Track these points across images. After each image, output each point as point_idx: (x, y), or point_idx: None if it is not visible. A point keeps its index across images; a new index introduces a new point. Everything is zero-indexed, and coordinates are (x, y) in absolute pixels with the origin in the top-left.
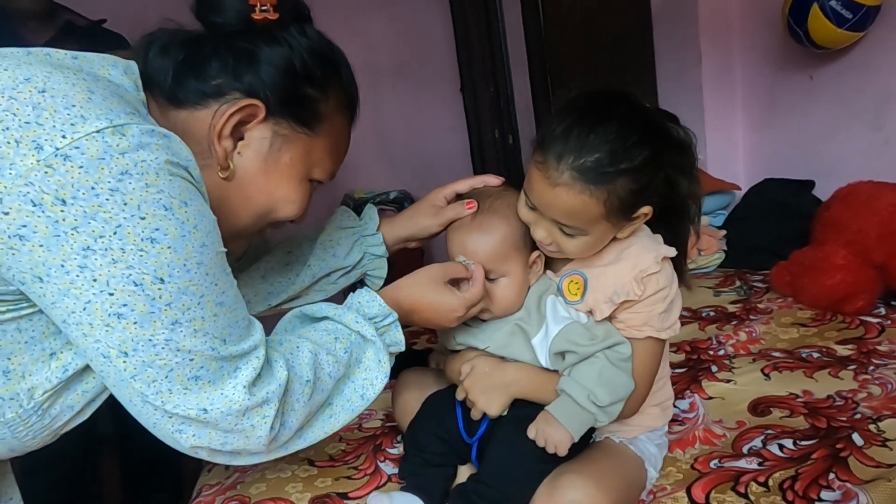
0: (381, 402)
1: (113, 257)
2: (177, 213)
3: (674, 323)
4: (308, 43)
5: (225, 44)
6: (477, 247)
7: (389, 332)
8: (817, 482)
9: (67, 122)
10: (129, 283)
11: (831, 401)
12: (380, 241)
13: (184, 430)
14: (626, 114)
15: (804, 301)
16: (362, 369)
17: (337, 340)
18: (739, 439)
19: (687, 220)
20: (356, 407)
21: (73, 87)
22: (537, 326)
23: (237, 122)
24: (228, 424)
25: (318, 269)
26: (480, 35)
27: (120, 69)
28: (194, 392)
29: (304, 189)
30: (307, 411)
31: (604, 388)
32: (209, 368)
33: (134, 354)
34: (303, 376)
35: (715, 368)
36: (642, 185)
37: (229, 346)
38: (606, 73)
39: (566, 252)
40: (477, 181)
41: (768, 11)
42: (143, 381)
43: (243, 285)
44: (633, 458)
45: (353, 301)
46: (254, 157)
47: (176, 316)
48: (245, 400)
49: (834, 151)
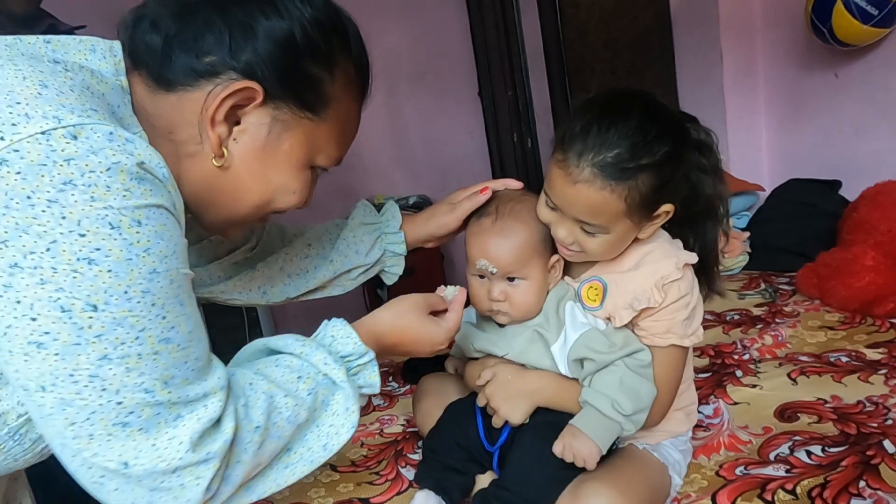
0: (401, 408)
1: (42, 277)
2: (125, 233)
3: (697, 329)
4: (312, 12)
5: (221, 14)
6: (498, 250)
7: (364, 372)
8: (847, 490)
9: (8, 122)
10: (56, 308)
11: (861, 406)
12: (401, 240)
13: (105, 484)
14: (645, 109)
15: (832, 304)
16: (329, 414)
17: (300, 380)
18: (766, 445)
19: (714, 220)
20: (317, 458)
21: (22, 82)
22: (556, 333)
23: (232, 106)
24: (154, 482)
25: (339, 266)
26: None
27: (99, 52)
28: (119, 440)
29: (305, 177)
30: (255, 462)
31: (626, 395)
32: (140, 414)
33: (53, 390)
34: (253, 421)
35: (740, 373)
36: (663, 180)
37: (172, 389)
38: (626, 74)
39: (588, 252)
40: (497, 184)
41: (790, 9)
42: (61, 421)
43: (260, 275)
44: (657, 464)
45: (326, 334)
46: (251, 145)
47: (105, 350)
48: (181, 457)
49: (861, 150)
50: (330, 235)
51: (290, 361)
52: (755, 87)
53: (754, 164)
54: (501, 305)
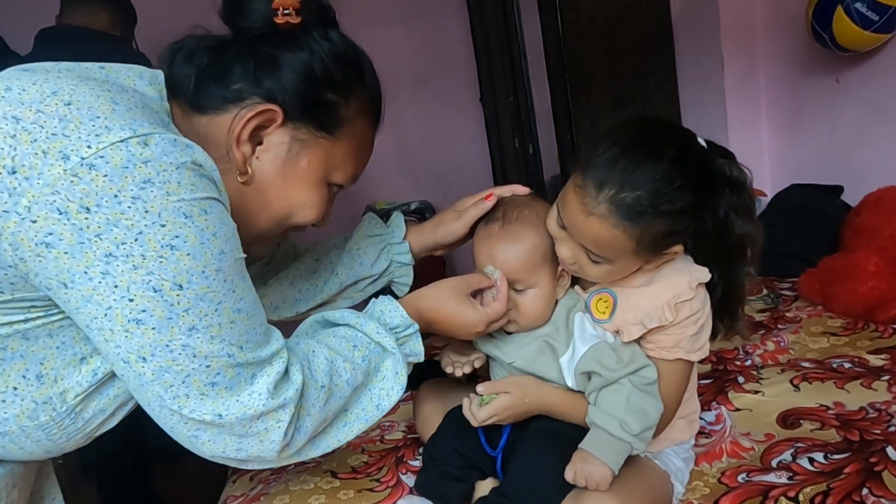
0: (402, 414)
1: (134, 263)
2: (196, 221)
3: (704, 344)
4: (330, 48)
5: (249, 49)
6: (506, 256)
7: (409, 343)
8: (850, 497)
9: (93, 133)
10: (149, 289)
11: (864, 413)
12: (406, 250)
13: (199, 436)
14: (680, 155)
15: (834, 309)
16: (379, 379)
17: (356, 348)
18: (768, 452)
19: (742, 262)
20: (371, 417)
21: (97, 99)
22: (565, 344)
23: (255, 127)
24: (243, 428)
25: (345, 278)
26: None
27: (146, 79)
28: (211, 398)
29: (322, 193)
30: (322, 417)
31: (634, 415)
32: (226, 374)
33: (152, 359)
34: (318, 381)
35: (742, 379)
36: (678, 228)
37: (246, 352)
38: (627, 80)
39: (587, 276)
40: (505, 190)
41: (791, 14)
42: (160, 385)
43: (272, 291)
44: (659, 472)
45: (375, 309)
46: (272, 162)
47: (193, 322)
48: (263, 403)
49: (862, 156)
50: (337, 249)
51: (346, 332)
52: (756, 92)
53: (756, 169)
54: (509, 314)
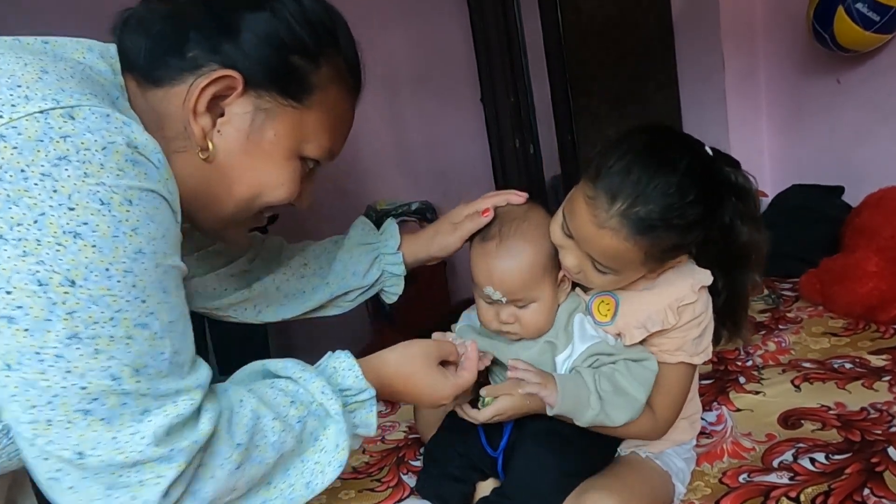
0: (403, 414)
1: (24, 249)
2: (114, 210)
3: (707, 347)
4: (297, 8)
5: (206, 12)
6: (504, 276)
7: (361, 410)
8: (851, 498)
9: (8, 103)
10: (33, 282)
11: (865, 413)
12: (400, 261)
13: (60, 479)
14: (691, 166)
15: (835, 310)
16: (317, 449)
17: (292, 405)
18: (769, 453)
19: (747, 269)
20: (297, 497)
21: (24, 68)
22: (565, 345)
23: (214, 97)
24: (112, 476)
25: (336, 288)
26: (500, 45)
27: (96, 52)
28: (78, 428)
29: (293, 169)
30: (231, 484)
31: (612, 384)
32: (105, 402)
33: (18, 369)
34: (235, 438)
35: (743, 380)
36: (687, 241)
37: (142, 380)
38: (628, 79)
39: (590, 284)
40: (500, 199)
41: (792, 15)
42: (21, 404)
43: (256, 294)
44: (660, 472)
45: (328, 365)
46: (235, 135)
47: (76, 328)
48: (141, 450)
49: (863, 156)
50: (327, 255)
51: (286, 385)
52: (757, 92)
53: (756, 169)
54: (511, 327)
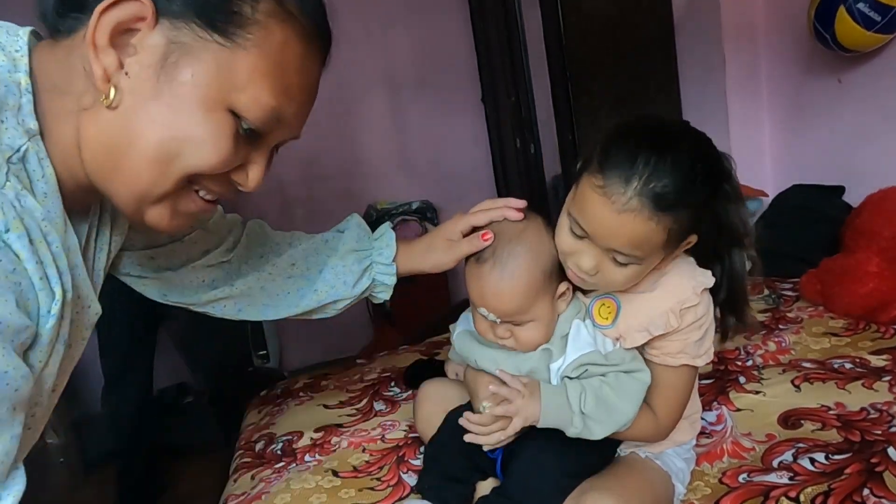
0: (403, 414)
1: None
2: None
3: (708, 349)
4: None
5: None
6: (498, 300)
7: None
8: (851, 498)
9: None
10: None
11: (865, 413)
12: (393, 272)
13: None
14: (695, 147)
15: (835, 310)
16: None
17: None
18: (769, 453)
19: (740, 248)
20: None
21: None
22: (559, 354)
23: (119, 29)
24: None
25: (324, 296)
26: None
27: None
28: None
29: (219, 123)
30: None
31: (597, 400)
32: None
33: None
34: None
35: (743, 379)
36: (700, 217)
37: None
38: (629, 80)
39: (607, 283)
40: (496, 214)
41: (793, 15)
42: None
43: (238, 292)
44: (660, 473)
45: None
46: (142, 75)
47: None
48: None
49: (864, 156)
50: (317, 256)
51: None
52: (758, 92)
53: (757, 169)
54: (507, 341)
